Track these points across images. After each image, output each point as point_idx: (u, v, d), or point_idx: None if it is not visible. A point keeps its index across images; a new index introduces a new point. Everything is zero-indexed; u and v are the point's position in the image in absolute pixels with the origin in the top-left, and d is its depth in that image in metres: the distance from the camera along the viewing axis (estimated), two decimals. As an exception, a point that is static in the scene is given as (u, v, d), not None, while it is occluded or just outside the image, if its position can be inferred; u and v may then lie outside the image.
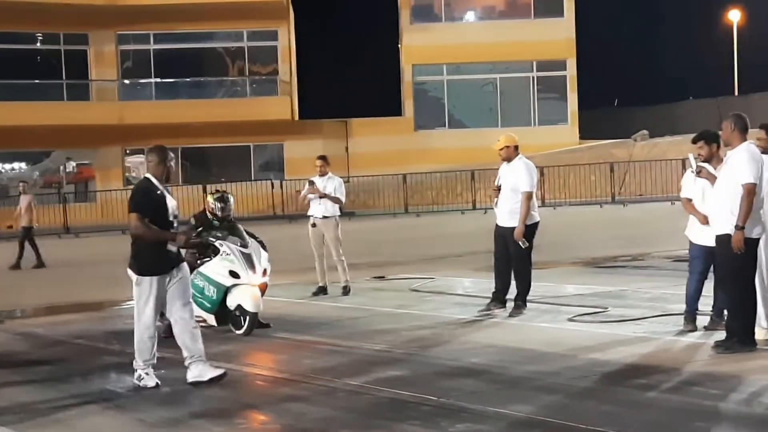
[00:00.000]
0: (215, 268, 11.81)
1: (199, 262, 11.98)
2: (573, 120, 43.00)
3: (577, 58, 43.19)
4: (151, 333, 9.05)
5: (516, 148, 12.27)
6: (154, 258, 8.87)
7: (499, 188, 12.25)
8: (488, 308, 12.32)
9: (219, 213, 12.13)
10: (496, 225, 12.31)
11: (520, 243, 11.86)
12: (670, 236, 21.67)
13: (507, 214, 12.06)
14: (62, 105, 39.33)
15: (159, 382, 8.92)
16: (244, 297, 11.53)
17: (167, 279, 8.90)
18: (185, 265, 9.19)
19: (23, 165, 43.30)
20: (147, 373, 8.98)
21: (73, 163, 41.72)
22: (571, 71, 43.19)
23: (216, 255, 11.88)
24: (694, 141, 10.22)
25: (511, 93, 43.67)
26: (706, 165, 9.90)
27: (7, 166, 43.34)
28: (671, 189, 34.80)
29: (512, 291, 12.29)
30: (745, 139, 9.30)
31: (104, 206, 35.10)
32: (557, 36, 42.46)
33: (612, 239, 20.20)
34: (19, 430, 7.60)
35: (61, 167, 41.97)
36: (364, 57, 45.79)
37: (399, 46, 43.90)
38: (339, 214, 14.73)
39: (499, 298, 12.30)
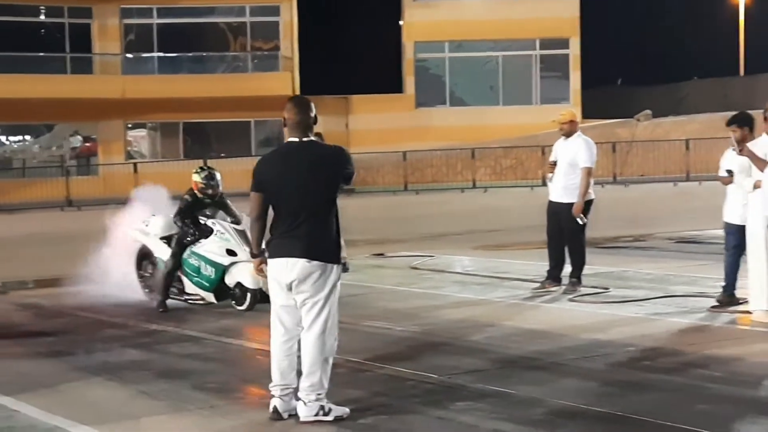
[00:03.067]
0: (211, 247, 11.77)
1: (188, 239, 11.96)
2: (575, 99, 42.89)
3: (581, 37, 43.07)
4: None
5: (577, 123, 12.10)
6: None
7: (554, 164, 12.11)
8: (543, 285, 12.22)
9: (209, 191, 11.93)
10: (549, 201, 12.14)
11: (579, 219, 11.76)
12: (672, 217, 21.78)
13: (562, 189, 11.91)
14: (65, 78, 39.26)
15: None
16: (243, 274, 11.45)
17: None
18: None
19: (28, 137, 43.27)
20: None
21: (80, 138, 41.70)
22: (574, 50, 43.07)
23: (203, 234, 11.87)
24: (728, 124, 10.14)
25: (513, 71, 43.55)
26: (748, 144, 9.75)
27: (11, 138, 43.30)
28: (673, 170, 34.88)
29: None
30: None
31: (106, 179, 35.09)
32: (561, 14, 42.30)
33: (613, 220, 20.19)
34: (21, 400, 7.63)
35: (65, 141, 41.92)
36: (366, 34, 45.66)
37: (400, 23, 43.78)
38: None
39: (553, 276, 12.18)
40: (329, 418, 6.75)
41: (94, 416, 7.14)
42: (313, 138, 6.89)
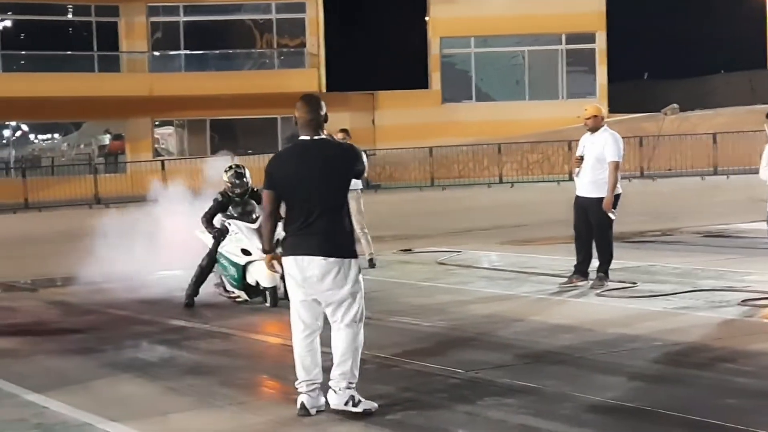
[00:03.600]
0: (229, 248, 11.94)
1: (220, 240, 12.08)
2: (602, 93, 42.70)
3: (607, 31, 42.89)
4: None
5: (603, 118, 12.06)
6: None
7: (581, 158, 12.08)
8: (570, 280, 12.19)
9: (238, 189, 12.04)
10: (577, 196, 12.09)
11: (610, 214, 11.74)
12: (699, 211, 21.66)
13: (589, 184, 11.87)
14: (93, 76, 39.45)
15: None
16: (259, 273, 11.57)
17: None
18: None
19: (56, 136, 43.57)
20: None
21: (109, 136, 41.95)
22: (600, 44, 42.89)
23: (222, 235, 12.01)
24: None
25: (539, 66, 43.42)
26: None
27: (40, 137, 43.60)
28: (701, 164, 34.67)
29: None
30: None
31: (134, 177, 35.24)
32: (587, 8, 42.14)
33: (641, 214, 20.11)
34: (50, 397, 7.69)
35: (94, 139, 42.16)
36: (392, 30, 45.59)
37: (426, 18, 43.72)
38: (361, 187, 14.52)
39: (581, 270, 12.14)
40: (358, 409, 6.77)
41: (123, 412, 7.19)
42: (324, 136, 6.95)
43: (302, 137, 6.92)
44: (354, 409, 6.77)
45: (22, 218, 29.85)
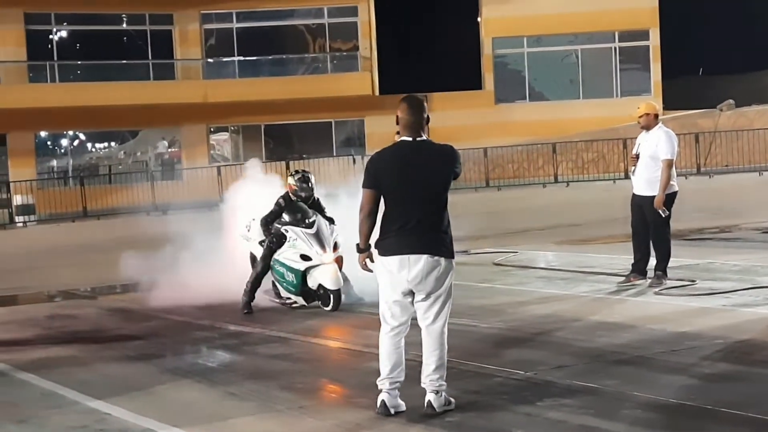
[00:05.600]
0: (287, 254, 12.06)
1: (272, 246, 12.20)
2: (656, 90, 42.29)
3: (660, 27, 42.50)
4: None
5: (656, 116, 12.00)
6: None
7: (637, 156, 12.04)
8: (628, 279, 12.16)
9: (303, 194, 12.23)
10: (633, 194, 12.09)
11: (661, 211, 11.69)
12: (758, 207, 21.40)
13: (644, 182, 11.87)
14: (148, 84, 39.80)
15: None
16: (322, 276, 11.75)
17: None
18: None
19: (113, 144, 44.06)
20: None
21: (166, 143, 42.36)
22: (654, 41, 42.49)
23: (279, 241, 12.15)
24: None
25: (592, 64, 43.11)
26: None
27: (98, 145, 44.11)
28: (758, 159, 34.23)
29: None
30: None
31: (190, 183, 35.52)
32: (640, 5, 41.76)
33: (698, 211, 19.93)
34: (112, 403, 7.78)
35: (150, 147, 42.57)
36: (444, 31, 45.53)
37: (478, 19, 43.63)
38: None
39: (639, 269, 12.12)
40: (452, 407, 6.97)
41: (184, 418, 7.26)
42: (425, 138, 6.99)
43: (404, 137, 6.98)
44: (449, 408, 6.95)
45: (81, 226, 30.20)
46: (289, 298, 12.29)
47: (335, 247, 11.97)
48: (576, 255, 15.54)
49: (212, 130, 42.07)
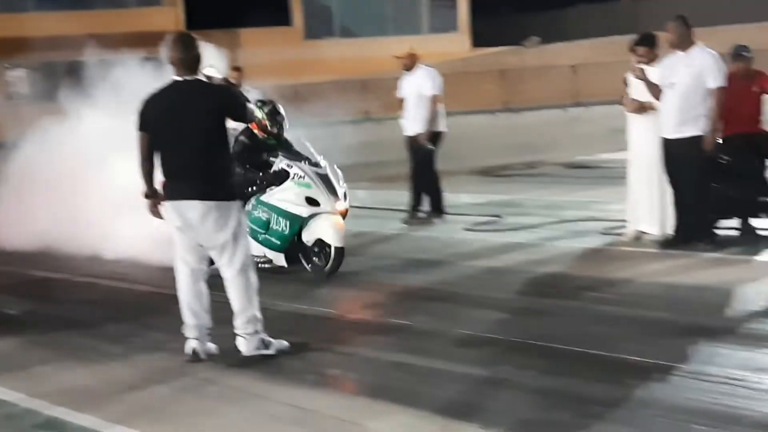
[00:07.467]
0: (286, 196, 9.39)
1: (252, 188, 9.65)
2: (463, 27, 42.91)
3: (467, -35, 42.99)
4: None
5: (417, 57, 12.63)
6: None
7: (402, 99, 12.33)
8: (409, 220, 12.42)
9: (275, 129, 9.76)
10: (407, 136, 12.47)
11: (428, 146, 12.04)
12: (564, 143, 21.98)
13: (412, 121, 12.28)
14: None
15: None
16: (325, 229, 9.22)
17: None
18: None
19: None
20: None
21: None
22: (461, -22, 43.02)
23: (274, 181, 9.55)
24: (637, 44, 9.78)
25: (400, 0, 43.34)
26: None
27: None
28: (563, 96, 35.18)
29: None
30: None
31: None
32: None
33: (505, 147, 20.34)
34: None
35: None
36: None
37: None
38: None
39: (418, 209, 12.48)
40: (270, 351, 6.73)
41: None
42: (199, 76, 6.72)
43: (174, 77, 6.69)
44: (267, 352, 6.71)
45: None
46: (262, 256, 9.48)
47: (345, 195, 9.54)
48: (386, 193, 15.61)
49: (7, 66, 40.34)
